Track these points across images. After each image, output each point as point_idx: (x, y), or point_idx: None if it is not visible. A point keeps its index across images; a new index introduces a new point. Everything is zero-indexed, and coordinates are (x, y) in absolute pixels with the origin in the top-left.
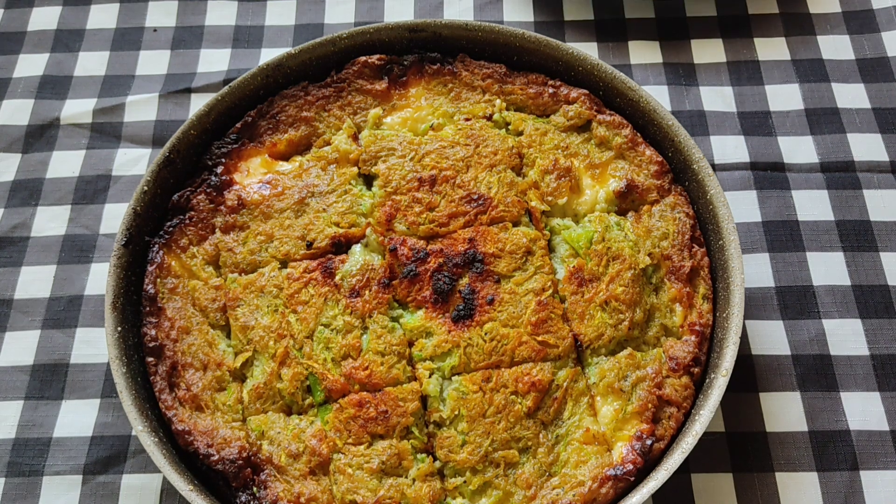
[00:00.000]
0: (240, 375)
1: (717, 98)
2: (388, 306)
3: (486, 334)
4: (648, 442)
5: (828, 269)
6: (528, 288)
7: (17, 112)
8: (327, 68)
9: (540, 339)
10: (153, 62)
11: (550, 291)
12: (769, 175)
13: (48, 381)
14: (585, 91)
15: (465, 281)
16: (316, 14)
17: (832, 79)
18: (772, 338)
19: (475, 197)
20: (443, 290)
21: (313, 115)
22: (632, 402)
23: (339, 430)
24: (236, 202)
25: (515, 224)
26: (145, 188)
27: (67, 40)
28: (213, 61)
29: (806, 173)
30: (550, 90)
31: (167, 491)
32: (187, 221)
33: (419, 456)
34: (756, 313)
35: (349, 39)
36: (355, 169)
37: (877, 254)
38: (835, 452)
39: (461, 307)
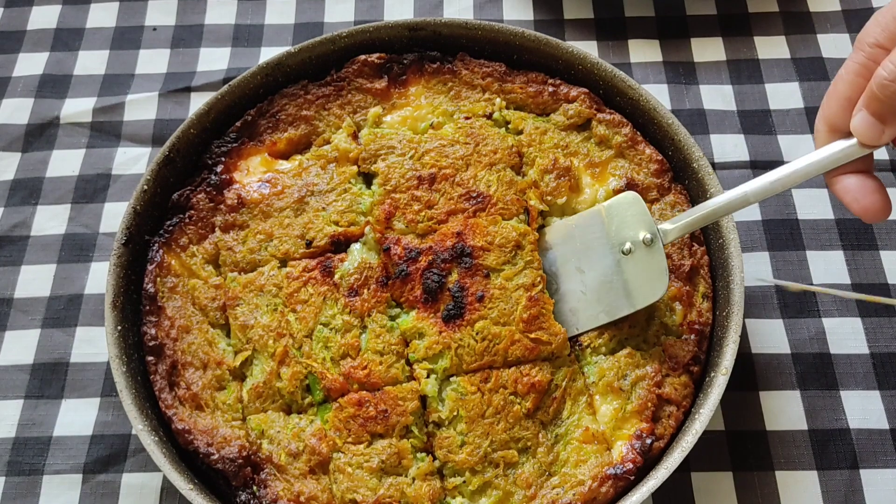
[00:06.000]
0: (239, 374)
1: (717, 96)
2: (386, 305)
3: (477, 334)
4: (648, 441)
5: (827, 267)
6: (518, 283)
7: (16, 111)
8: (327, 67)
9: (532, 336)
10: (153, 61)
11: (541, 287)
12: None
13: (48, 380)
14: (585, 90)
15: (454, 277)
16: (316, 13)
17: (832, 77)
18: (772, 336)
19: (474, 195)
20: (432, 289)
21: (313, 113)
22: (631, 400)
23: (339, 429)
24: (236, 201)
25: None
26: (145, 187)
27: (67, 39)
28: (213, 60)
29: None
30: (550, 89)
31: (167, 490)
32: (187, 220)
33: (419, 455)
34: (756, 312)
35: (349, 38)
36: (355, 167)
37: (877, 252)
38: (835, 451)
39: (451, 306)
